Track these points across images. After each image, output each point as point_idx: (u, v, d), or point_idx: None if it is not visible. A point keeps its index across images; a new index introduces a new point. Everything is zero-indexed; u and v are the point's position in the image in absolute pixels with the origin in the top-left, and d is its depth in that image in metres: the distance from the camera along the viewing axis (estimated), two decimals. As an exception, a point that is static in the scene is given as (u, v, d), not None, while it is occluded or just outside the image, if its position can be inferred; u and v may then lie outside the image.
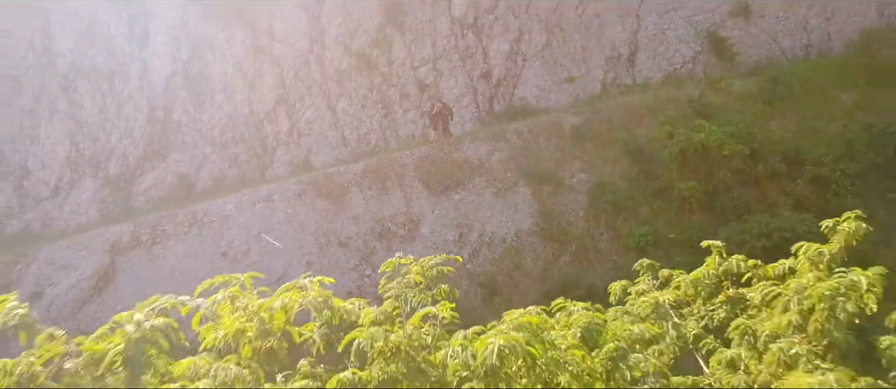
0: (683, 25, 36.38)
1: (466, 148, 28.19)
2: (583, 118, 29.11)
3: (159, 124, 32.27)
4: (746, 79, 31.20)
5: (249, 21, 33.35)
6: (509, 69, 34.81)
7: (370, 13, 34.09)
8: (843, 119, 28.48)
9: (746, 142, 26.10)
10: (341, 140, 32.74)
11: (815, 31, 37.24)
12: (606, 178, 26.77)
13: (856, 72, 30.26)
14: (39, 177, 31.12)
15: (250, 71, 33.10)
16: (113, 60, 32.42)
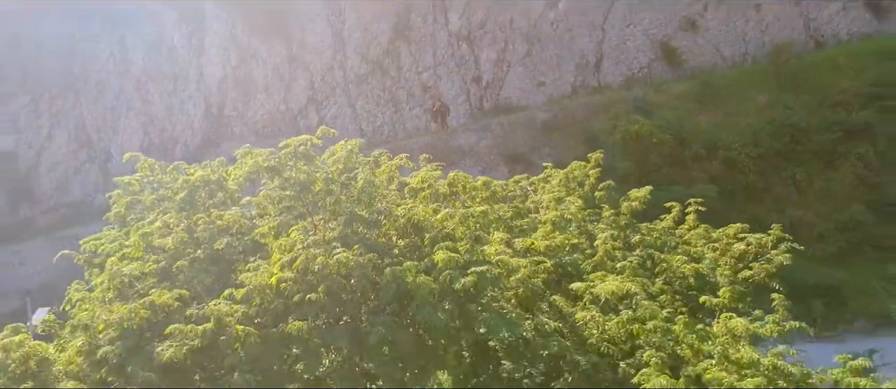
0: (641, 37, 44.92)
1: (460, 137, 36.92)
2: (551, 114, 37.82)
3: (213, 118, 40.96)
4: (685, 82, 39.83)
5: (285, 35, 41.95)
6: (496, 74, 43.39)
7: (383, 28, 42.68)
8: (755, 115, 37.11)
9: (674, 133, 34.79)
10: (359, 131, 41.39)
11: (751, 41, 45.80)
12: (567, 160, 35.38)
13: (768, 78, 38.89)
14: (120, 161, 39.80)
15: (286, 75, 41.75)
16: (176, 67, 41.07)
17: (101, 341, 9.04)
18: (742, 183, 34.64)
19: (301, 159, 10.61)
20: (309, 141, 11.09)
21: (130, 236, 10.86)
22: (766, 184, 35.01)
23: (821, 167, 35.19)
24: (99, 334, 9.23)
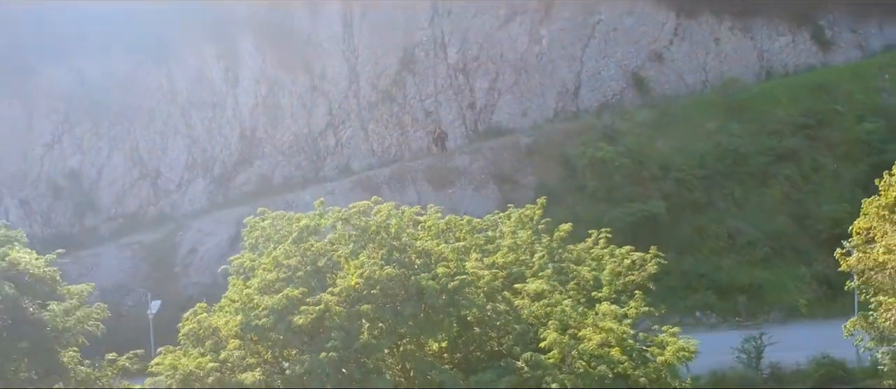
0: (614, 67, 53.12)
1: (456, 159, 45.20)
2: (533, 139, 46.06)
3: (246, 140, 49.14)
4: (647, 111, 48.01)
5: (307, 68, 50.08)
6: (488, 100, 51.57)
7: (391, 62, 50.79)
8: (704, 140, 45.32)
9: (634, 157, 43.01)
10: (371, 152, 49.64)
11: (711, 71, 54.09)
12: (546, 180, 43.73)
13: (717, 107, 47.10)
14: (168, 177, 48.08)
15: (308, 103, 49.91)
16: (215, 96, 49.24)
17: (255, 317, 17.01)
18: (689, 199, 42.87)
19: (363, 214, 18.63)
20: (366, 206, 19.06)
21: (264, 257, 18.80)
22: (709, 200, 43.27)
23: (755, 185, 43.43)
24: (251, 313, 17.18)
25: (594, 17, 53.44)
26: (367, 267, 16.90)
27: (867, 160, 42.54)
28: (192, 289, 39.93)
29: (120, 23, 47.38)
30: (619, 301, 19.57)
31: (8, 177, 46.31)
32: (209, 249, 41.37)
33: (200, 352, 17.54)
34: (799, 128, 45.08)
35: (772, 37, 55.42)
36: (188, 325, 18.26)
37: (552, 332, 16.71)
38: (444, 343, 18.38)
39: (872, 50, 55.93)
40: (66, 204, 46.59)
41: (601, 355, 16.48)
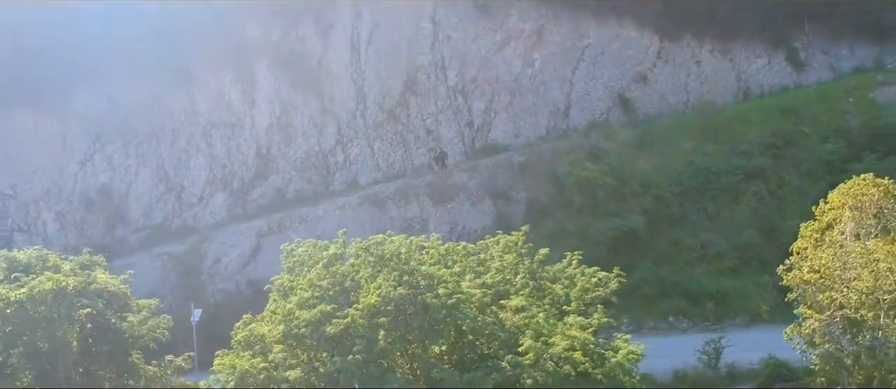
0: (601, 89, 57.98)
1: (455, 176, 50.13)
2: (525, 157, 50.94)
3: (262, 157, 54.00)
4: (630, 131, 52.86)
5: (318, 90, 54.91)
6: (485, 119, 56.42)
7: (395, 84, 55.60)
8: (681, 158, 50.20)
9: (616, 175, 47.88)
10: (377, 167, 54.51)
11: (692, 92, 58.95)
12: (536, 196, 48.65)
13: (694, 128, 51.97)
14: (190, 191, 52.97)
15: (319, 122, 54.77)
16: (233, 116, 54.10)
17: (295, 327, 21.80)
18: (666, 213, 47.77)
19: (379, 244, 23.45)
20: (383, 238, 23.89)
21: (301, 279, 23.57)
22: (684, 214, 48.17)
23: (726, 201, 48.35)
24: (292, 324, 21.98)
25: (583, 41, 58.33)
26: (383, 288, 21.80)
27: (828, 178, 47.09)
28: (217, 296, 44.90)
29: (146, 50, 52.23)
30: (586, 313, 24.43)
31: (45, 192, 51.22)
32: (232, 259, 46.35)
33: (251, 355, 22.46)
34: (768, 147, 49.93)
35: (749, 59, 60.30)
36: (241, 333, 23.15)
37: (528, 339, 21.62)
38: (443, 348, 23.26)
39: (843, 71, 60.73)
40: (98, 217, 51.49)
41: (567, 357, 21.38)
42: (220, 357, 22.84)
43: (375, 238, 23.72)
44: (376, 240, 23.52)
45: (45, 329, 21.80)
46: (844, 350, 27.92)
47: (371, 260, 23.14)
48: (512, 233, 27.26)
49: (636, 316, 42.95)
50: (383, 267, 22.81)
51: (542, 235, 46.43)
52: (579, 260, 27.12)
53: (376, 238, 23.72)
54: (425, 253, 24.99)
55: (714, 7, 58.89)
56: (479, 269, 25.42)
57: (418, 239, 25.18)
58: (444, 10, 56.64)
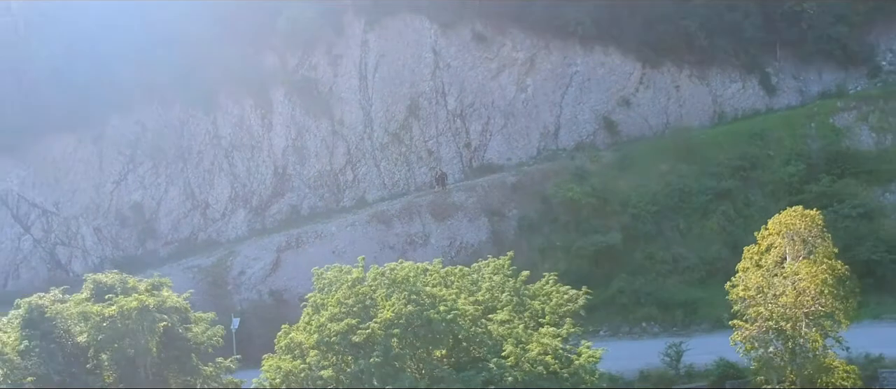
0: (588, 112, 64.42)
1: (454, 195, 56.53)
2: (517, 178, 57.36)
3: (279, 176, 60.40)
4: (612, 153, 59.26)
5: (329, 115, 61.28)
6: (481, 141, 62.84)
7: (399, 109, 61.97)
8: (657, 179, 56.58)
9: (598, 195, 54.30)
10: (383, 185, 60.93)
11: (672, 115, 65.38)
12: (527, 213, 55.09)
13: (670, 151, 58.35)
14: (214, 208, 59.38)
15: (330, 144, 61.15)
16: (252, 139, 60.47)
17: (327, 336, 28.12)
18: (643, 230, 54.17)
19: (392, 270, 29.82)
20: (396, 265, 30.27)
21: (330, 297, 29.91)
22: (659, 231, 54.58)
23: (697, 218, 54.76)
24: (324, 333, 28.30)
25: (572, 68, 64.83)
26: (396, 306, 28.21)
27: (788, 198, 53.64)
28: (242, 305, 51.33)
29: (173, 79, 58.78)
30: (558, 324, 30.83)
31: (84, 209, 57.64)
32: (255, 272, 52.85)
33: (292, 358, 28.90)
34: (736, 170, 56.34)
35: (725, 83, 66.82)
36: (283, 341, 29.58)
37: (510, 346, 28.05)
38: (443, 352, 29.59)
39: (811, 94, 67.24)
40: (131, 231, 57.93)
41: (540, 360, 27.78)
42: (267, 360, 29.26)
43: (389, 265, 30.14)
44: (390, 267, 29.93)
45: (131, 338, 28.13)
46: (775, 354, 34.32)
47: (386, 283, 29.54)
48: (499, 258, 33.64)
49: (613, 322, 49.65)
50: (396, 288, 29.21)
51: (532, 249, 53.32)
52: (555, 279, 33.46)
53: (390, 265, 30.15)
54: (429, 275, 31.37)
55: (692, 35, 65.21)
56: (472, 288, 31.82)
57: (423, 264, 31.56)
58: (444, 41, 63.14)
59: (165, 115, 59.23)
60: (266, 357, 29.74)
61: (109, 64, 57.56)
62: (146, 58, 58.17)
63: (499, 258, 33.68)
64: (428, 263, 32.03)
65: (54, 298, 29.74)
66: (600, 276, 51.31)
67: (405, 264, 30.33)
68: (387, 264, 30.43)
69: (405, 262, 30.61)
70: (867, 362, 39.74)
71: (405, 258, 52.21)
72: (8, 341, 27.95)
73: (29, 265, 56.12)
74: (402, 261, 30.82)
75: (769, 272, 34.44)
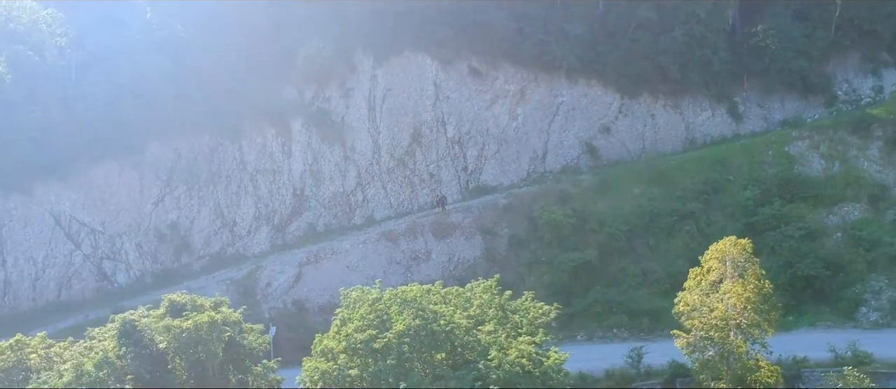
0: (573, 138, 73.67)
1: (452, 216, 65.78)
2: (508, 200, 66.58)
3: (297, 197, 69.56)
4: (591, 177, 68.44)
5: (342, 142, 70.43)
6: (477, 165, 72.06)
7: (404, 137, 71.11)
8: (630, 201, 65.76)
9: (578, 216, 63.50)
10: (389, 205, 70.14)
11: (647, 140, 74.65)
12: (516, 232, 64.32)
13: (643, 176, 67.53)
14: (241, 226, 68.57)
15: (343, 169, 70.30)
16: (274, 164, 69.62)
17: (353, 343, 37.13)
18: (616, 247, 63.37)
19: (404, 292, 38.91)
20: (407, 288, 39.38)
21: (355, 313, 38.93)
22: (630, 247, 63.77)
23: (664, 237, 63.93)
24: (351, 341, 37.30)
25: (558, 99, 74.06)
26: (407, 320, 37.40)
27: (744, 219, 63.14)
28: (269, 313, 60.45)
29: (204, 111, 67.87)
30: (534, 333, 39.97)
31: (127, 227, 66.71)
32: (280, 284, 62.10)
33: (325, 360, 38.07)
34: (700, 193, 65.54)
35: (696, 112, 76.11)
36: (318, 347, 38.71)
37: (494, 351, 37.24)
38: (443, 355, 38.71)
39: (775, 121, 76.60)
40: (168, 247, 67.01)
41: (517, 362, 36.96)
42: (306, 362, 38.40)
43: (402, 288, 39.33)
44: (402, 289, 39.14)
45: (202, 345, 37.15)
46: (712, 357, 43.53)
47: (398, 302, 38.71)
48: (488, 280, 42.78)
49: (589, 328, 58.92)
50: (406, 306, 38.39)
51: (520, 264, 62.62)
52: (533, 297, 42.62)
53: (402, 288, 39.33)
54: (432, 294, 40.54)
55: (666, 69, 74.48)
56: (465, 305, 40.98)
57: (427, 286, 40.72)
58: (443, 75, 72.31)
59: (198, 144, 68.27)
60: (305, 359, 38.90)
61: (148, 99, 66.57)
62: (180, 93, 67.31)
63: (488, 280, 42.84)
64: (430, 285, 41.21)
65: (141, 314, 38.86)
66: (579, 288, 60.71)
67: (413, 286, 39.52)
68: (400, 287, 39.61)
69: (413, 285, 39.79)
70: (794, 363, 48.87)
71: (410, 272, 62.05)
72: (108, 348, 37.05)
73: (79, 277, 65.22)
74: (412, 285, 39.97)
75: (705, 291, 43.67)
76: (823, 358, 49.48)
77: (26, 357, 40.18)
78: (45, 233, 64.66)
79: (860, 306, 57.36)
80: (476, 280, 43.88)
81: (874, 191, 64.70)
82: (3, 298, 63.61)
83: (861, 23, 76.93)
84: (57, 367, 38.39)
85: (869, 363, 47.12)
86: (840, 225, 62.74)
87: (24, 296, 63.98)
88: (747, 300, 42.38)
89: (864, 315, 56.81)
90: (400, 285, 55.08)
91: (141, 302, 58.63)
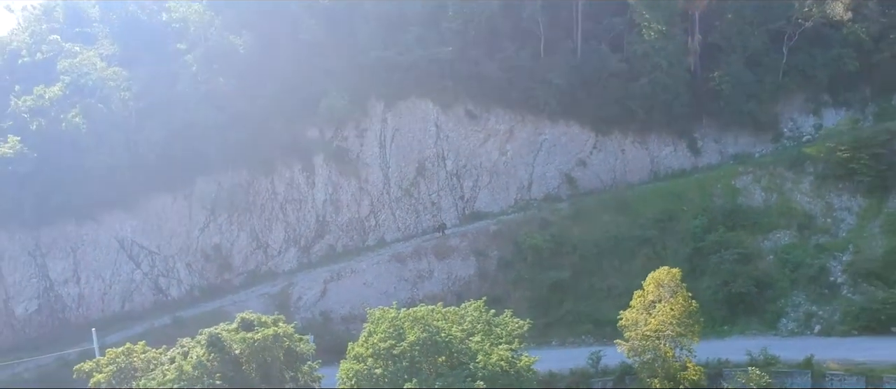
0: (554, 170, 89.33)
1: (451, 240, 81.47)
2: (498, 227, 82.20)
3: (320, 223, 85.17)
4: (568, 206, 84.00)
5: (357, 175, 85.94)
6: (472, 194, 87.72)
7: (410, 170, 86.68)
8: (599, 228, 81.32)
9: (556, 241, 79.10)
10: (397, 229, 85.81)
11: (618, 172, 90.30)
12: (504, 254, 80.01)
13: (611, 205, 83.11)
14: (273, 247, 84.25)
15: (357, 198, 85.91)
16: (300, 194, 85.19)
17: (377, 349, 52.50)
18: (587, 267, 78.93)
19: (414, 311, 54.36)
20: (416, 309, 54.79)
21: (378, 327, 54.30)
22: (599, 267, 79.31)
23: (627, 258, 79.44)
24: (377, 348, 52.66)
25: (541, 137, 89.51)
26: (416, 333, 52.99)
27: (693, 244, 78.63)
28: (301, 323, 75.86)
29: (241, 149, 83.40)
30: (511, 342, 55.50)
31: (178, 249, 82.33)
32: (309, 298, 77.77)
33: (357, 362, 53.69)
34: (657, 221, 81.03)
35: (660, 146, 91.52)
36: (351, 352, 54.26)
37: (481, 355, 52.84)
38: (443, 359, 54.22)
39: (729, 154, 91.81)
40: (213, 265, 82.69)
41: (497, 363, 52.53)
42: (343, 363, 53.98)
43: (413, 309, 54.86)
44: (413, 310, 54.72)
45: (268, 352, 52.60)
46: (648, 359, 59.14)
47: (410, 319, 54.28)
48: (479, 301, 58.18)
49: (562, 336, 74.46)
50: (416, 323, 53.91)
51: (507, 281, 78.38)
52: (512, 314, 58.08)
53: (415, 309, 54.84)
54: (435, 313, 56.11)
55: (634, 111, 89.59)
56: (460, 321, 56.53)
57: (431, 306, 56.20)
58: (443, 118, 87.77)
59: (236, 178, 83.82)
60: (342, 361, 54.43)
61: (196, 141, 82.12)
62: (222, 135, 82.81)
63: (478, 299, 58.38)
64: (433, 306, 56.79)
65: (223, 328, 54.41)
66: (554, 301, 76.33)
67: (421, 308, 55.07)
68: (411, 309, 55.14)
69: (421, 306, 55.35)
70: (718, 364, 64.27)
71: (416, 288, 77.88)
72: (200, 353, 52.64)
73: (140, 292, 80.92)
74: (420, 306, 55.45)
75: (643, 309, 59.30)
76: (743, 360, 64.81)
77: (133, 360, 55.95)
78: (111, 255, 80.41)
79: (781, 317, 72.69)
80: (471, 294, 59.76)
81: (802, 220, 79.69)
82: (77, 309, 79.42)
83: (804, 69, 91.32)
84: (160, 368, 54.12)
85: (774, 364, 62.41)
86: (772, 249, 77.94)
87: (94, 307, 79.75)
88: (674, 316, 57.95)
89: (783, 325, 72.22)
90: (407, 298, 71.88)
91: (191, 313, 75.36)
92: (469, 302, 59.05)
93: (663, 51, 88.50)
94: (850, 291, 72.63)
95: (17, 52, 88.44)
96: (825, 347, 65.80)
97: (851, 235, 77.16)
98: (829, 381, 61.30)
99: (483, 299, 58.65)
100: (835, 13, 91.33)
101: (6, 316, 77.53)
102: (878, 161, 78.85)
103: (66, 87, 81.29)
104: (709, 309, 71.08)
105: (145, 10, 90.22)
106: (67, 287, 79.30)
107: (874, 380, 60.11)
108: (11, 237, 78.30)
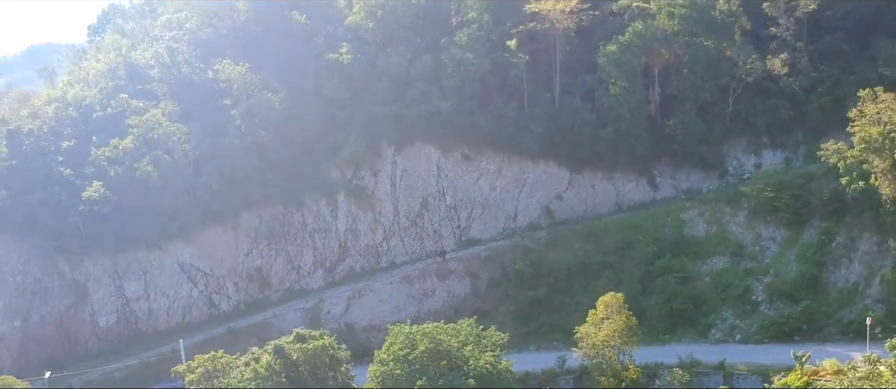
0: (535, 203, 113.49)
1: (449, 264, 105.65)
2: (488, 253, 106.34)
3: (341, 249, 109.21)
4: (546, 235, 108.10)
5: (372, 209, 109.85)
6: (467, 223, 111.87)
7: (415, 204, 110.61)
8: (571, 254, 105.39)
9: (534, 266, 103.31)
10: (406, 253, 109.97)
11: (588, 204, 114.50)
12: (493, 276, 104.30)
13: (581, 235, 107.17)
14: (303, 269, 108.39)
15: (372, 227, 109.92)
16: (325, 225, 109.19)
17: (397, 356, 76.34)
18: (560, 287, 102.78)
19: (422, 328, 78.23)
20: (432, 328, 78.70)
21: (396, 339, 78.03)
22: (569, 287, 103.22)
23: (592, 279, 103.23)
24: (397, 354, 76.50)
25: (525, 175, 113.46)
26: (424, 343, 77.12)
27: (645, 268, 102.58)
28: (329, 332, 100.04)
29: (277, 188, 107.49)
30: (494, 350, 79.64)
31: (227, 271, 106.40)
32: (335, 312, 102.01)
33: (381, 365, 77.77)
34: (617, 249, 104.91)
35: (624, 182, 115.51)
36: (377, 358, 78.38)
37: (471, 360, 77.04)
38: (444, 362, 78.22)
39: (682, 189, 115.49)
40: (255, 284, 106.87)
41: (483, 366, 76.69)
42: (371, 367, 77.93)
43: (425, 326, 78.89)
44: (422, 325, 78.78)
45: (318, 357, 76.43)
46: (598, 362, 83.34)
47: (420, 334, 78.36)
48: (469, 318, 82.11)
49: (539, 343, 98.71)
50: (424, 336, 77.98)
51: (495, 298, 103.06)
52: (497, 327, 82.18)
53: (424, 326, 78.88)
54: (438, 329, 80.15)
55: (603, 152, 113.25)
56: (456, 333, 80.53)
57: (436, 324, 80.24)
58: (444, 159, 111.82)
59: (274, 212, 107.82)
60: (370, 365, 78.39)
61: (241, 183, 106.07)
62: (262, 177, 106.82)
63: (469, 318, 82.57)
64: (437, 322, 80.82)
65: (284, 340, 78.28)
66: (533, 315, 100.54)
67: (428, 325, 79.12)
68: (422, 325, 79.14)
69: (428, 323, 79.36)
70: (655, 366, 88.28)
71: (421, 304, 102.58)
72: (269, 359, 76.61)
73: (197, 307, 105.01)
74: (427, 323, 79.49)
75: (592, 325, 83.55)
76: (675, 363, 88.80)
77: (216, 365, 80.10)
78: (174, 277, 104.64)
79: (711, 328, 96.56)
80: (466, 309, 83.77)
81: (735, 248, 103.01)
82: (147, 321, 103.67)
83: (747, 116, 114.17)
84: (238, 370, 78.30)
85: (697, 366, 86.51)
86: (708, 272, 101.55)
87: (160, 320, 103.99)
88: (616, 331, 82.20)
89: (712, 334, 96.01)
90: (414, 312, 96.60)
91: (241, 324, 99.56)
92: (464, 318, 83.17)
93: (626, 103, 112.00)
94: (766, 307, 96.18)
95: (90, 107, 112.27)
96: (741, 352, 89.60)
97: (773, 261, 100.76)
98: (735, 380, 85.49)
99: (474, 316, 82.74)
100: (773, 68, 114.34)
101: (92, 326, 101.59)
102: (796, 200, 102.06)
103: (136, 139, 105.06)
104: (654, 322, 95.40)
105: (197, 71, 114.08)
106: (139, 303, 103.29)
107: (767, 379, 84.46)
108: (95, 262, 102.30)
